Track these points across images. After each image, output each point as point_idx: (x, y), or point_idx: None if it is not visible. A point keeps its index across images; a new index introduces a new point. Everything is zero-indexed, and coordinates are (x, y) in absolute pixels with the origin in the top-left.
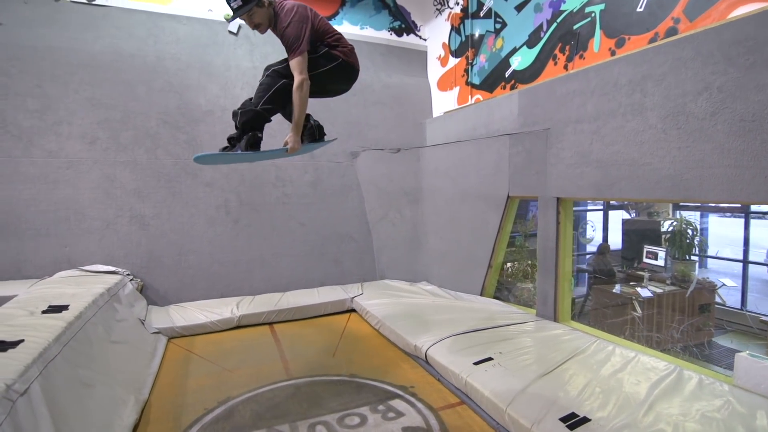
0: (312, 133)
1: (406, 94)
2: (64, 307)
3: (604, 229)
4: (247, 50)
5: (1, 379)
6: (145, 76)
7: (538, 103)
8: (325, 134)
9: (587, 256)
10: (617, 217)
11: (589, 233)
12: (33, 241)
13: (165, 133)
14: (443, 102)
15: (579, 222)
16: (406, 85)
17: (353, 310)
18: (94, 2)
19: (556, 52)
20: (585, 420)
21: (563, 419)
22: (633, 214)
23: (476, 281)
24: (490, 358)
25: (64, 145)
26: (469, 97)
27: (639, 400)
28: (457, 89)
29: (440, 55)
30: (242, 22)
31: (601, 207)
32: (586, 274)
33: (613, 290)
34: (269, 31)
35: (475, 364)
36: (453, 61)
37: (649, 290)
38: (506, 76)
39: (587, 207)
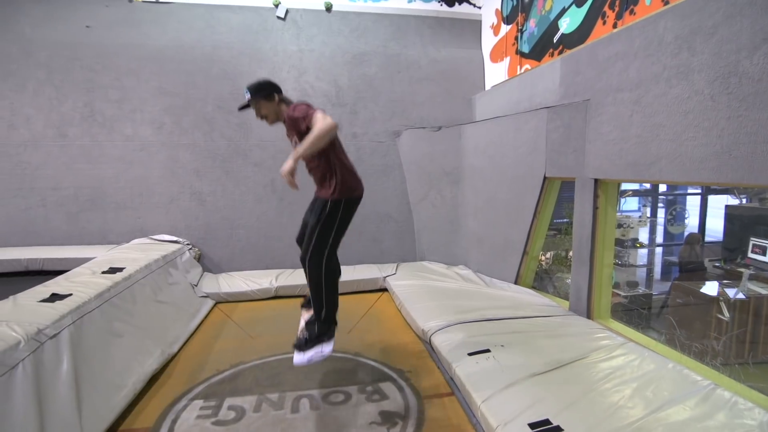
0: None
1: (456, 69)
2: (120, 269)
3: (701, 216)
4: (293, 34)
5: (36, 323)
6: (203, 65)
7: (580, 71)
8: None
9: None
10: (720, 203)
11: (679, 221)
12: (114, 213)
13: (220, 118)
14: (495, 74)
15: (670, 208)
16: (456, 59)
17: (385, 290)
18: (160, 0)
19: (605, 9)
20: (556, 430)
21: (532, 425)
22: (743, 200)
23: (511, 268)
24: (487, 350)
25: (138, 130)
26: (518, 67)
27: (634, 417)
28: (507, 60)
29: (493, 24)
30: (290, 6)
31: (699, 191)
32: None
33: (700, 288)
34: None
35: (470, 354)
36: (504, 29)
37: (742, 291)
38: (554, 41)
39: (686, 191)
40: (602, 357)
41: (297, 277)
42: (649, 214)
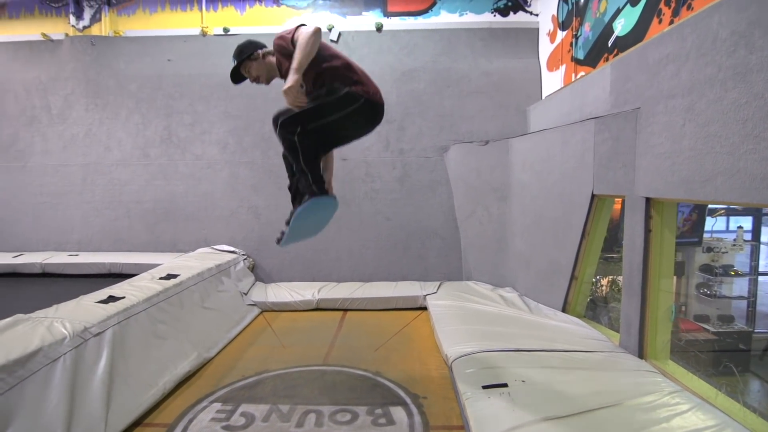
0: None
1: (510, 80)
2: (174, 276)
3: None
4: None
5: (84, 321)
6: (262, 89)
7: (630, 76)
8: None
9: None
10: None
11: None
12: (184, 224)
13: (275, 137)
14: (551, 84)
15: None
16: (510, 70)
17: (425, 309)
18: (229, 33)
19: (661, 5)
20: None
21: None
22: None
23: (559, 294)
24: (504, 384)
25: (206, 149)
26: (573, 75)
27: None
28: (563, 68)
29: (549, 30)
30: (342, 29)
31: None
32: None
33: None
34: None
35: (484, 387)
36: (560, 36)
37: None
38: (609, 45)
39: None
40: (641, 406)
41: (339, 291)
42: (747, 237)
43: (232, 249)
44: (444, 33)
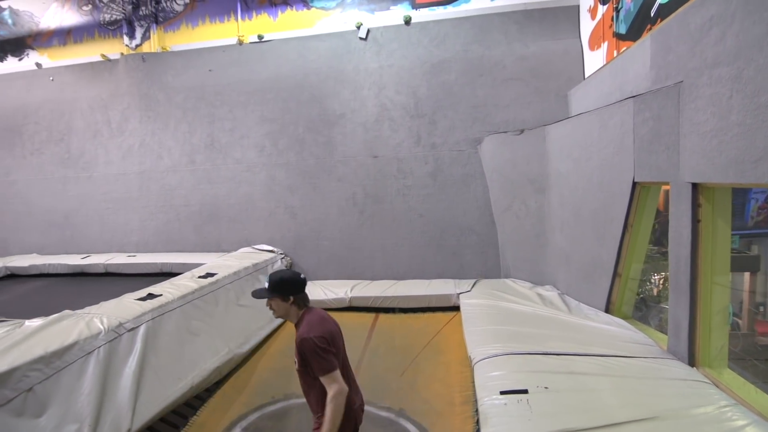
0: None
1: (548, 63)
2: (212, 275)
3: None
4: (374, 52)
5: (120, 317)
6: (295, 91)
7: (671, 47)
8: None
9: None
10: None
11: None
12: (227, 225)
13: (309, 138)
14: (594, 64)
15: None
16: (549, 53)
17: (459, 308)
18: (263, 40)
19: None
20: None
21: None
22: None
23: (601, 292)
24: (524, 391)
25: (245, 153)
26: (615, 52)
27: None
28: (605, 45)
29: (590, 6)
30: (371, 26)
31: None
32: None
33: None
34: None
35: (502, 393)
36: (601, 11)
37: None
38: (652, 15)
39: None
40: (681, 420)
41: (372, 289)
42: None
43: (270, 248)
44: (475, 20)
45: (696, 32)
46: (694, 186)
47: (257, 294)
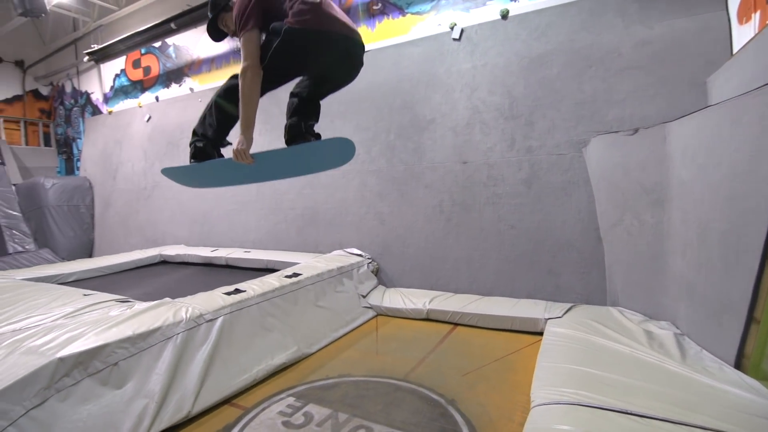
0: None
1: (679, 45)
2: (297, 275)
3: None
4: (468, 52)
5: (203, 308)
6: (388, 99)
7: None
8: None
9: None
10: None
11: None
12: (324, 228)
13: (399, 144)
14: (743, 42)
15: None
16: (680, 32)
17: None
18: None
19: None
20: None
21: None
22: None
23: (730, 340)
24: None
25: None
26: None
27: None
28: (757, 16)
29: None
30: (465, 25)
31: None
32: None
33: None
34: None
35: None
36: None
37: None
38: None
39: None
40: None
41: (451, 303)
42: None
43: (359, 252)
44: (584, 4)
45: None
46: None
47: (215, 35)
